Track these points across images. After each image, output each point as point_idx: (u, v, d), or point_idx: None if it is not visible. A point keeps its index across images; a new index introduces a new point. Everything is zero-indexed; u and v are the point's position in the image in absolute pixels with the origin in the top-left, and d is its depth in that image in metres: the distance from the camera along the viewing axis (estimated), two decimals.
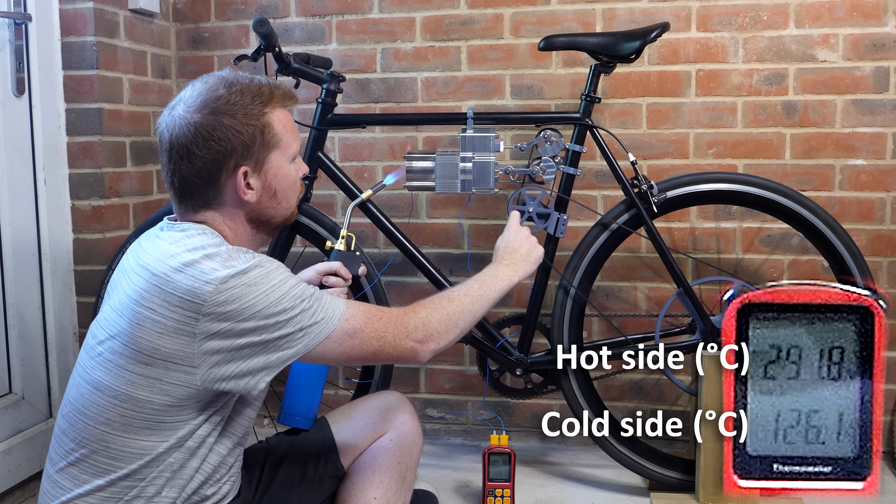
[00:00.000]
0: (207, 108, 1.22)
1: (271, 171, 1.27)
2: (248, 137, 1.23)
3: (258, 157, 1.24)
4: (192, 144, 1.21)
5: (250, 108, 1.23)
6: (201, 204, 1.26)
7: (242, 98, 1.23)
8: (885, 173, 2.14)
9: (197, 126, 1.21)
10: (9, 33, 1.99)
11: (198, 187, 1.24)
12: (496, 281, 1.46)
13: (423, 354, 1.30)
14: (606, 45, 1.85)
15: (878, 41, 2.11)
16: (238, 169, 1.23)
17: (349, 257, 1.62)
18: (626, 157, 1.89)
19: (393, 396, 1.56)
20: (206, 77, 1.27)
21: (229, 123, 1.21)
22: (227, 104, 1.22)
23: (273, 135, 1.25)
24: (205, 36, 2.43)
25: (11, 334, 2.00)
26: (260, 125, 1.24)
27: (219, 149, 1.21)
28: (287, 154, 1.29)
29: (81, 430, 1.21)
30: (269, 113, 1.25)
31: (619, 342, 1.99)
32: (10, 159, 1.98)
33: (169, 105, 1.26)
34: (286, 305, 1.18)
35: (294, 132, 1.31)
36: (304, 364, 1.52)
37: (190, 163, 1.22)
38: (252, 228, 1.30)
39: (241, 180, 1.24)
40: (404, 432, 1.49)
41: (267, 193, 1.27)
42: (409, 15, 2.31)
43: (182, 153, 1.22)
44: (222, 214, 1.27)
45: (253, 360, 1.18)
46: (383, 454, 1.46)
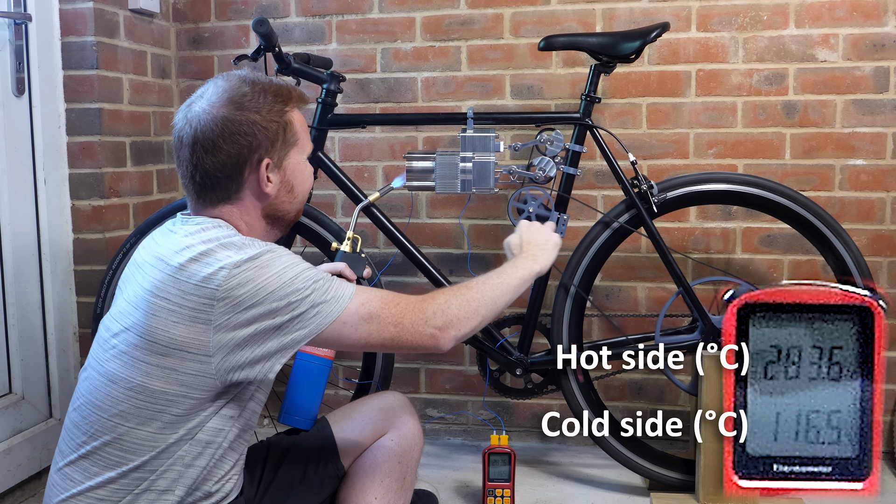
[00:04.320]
0: (234, 103, 1.24)
1: (290, 167, 1.30)
2: (273, 133, 1.26)
3: (280, 153, 1.28)
4: (218, 138, 1.23)
5: (273, 106, 1.27)
6: (221, 198, 1.27)
7: (266, 96, 1.26)
8: (885, 173, 2.14)
9: (224, 120, 1.23)
10: (9, 33, 1.99)
11: (220, 181, 1.26)
12: (515, 270, 1.44)
13: (443, 341, 1.28)
14: (606, 45, 1.85)
15: (878, 41, 2.11)
16: (262, 162, 1.26)
17: (354, 259, 1.63)
18: (626, 157, 1.89)
19: (393, 397, 1.56)
20: (227, 75, 1.30)
21: (255, 119, 1.25)
22: (253, 101, 1.25)
23: (293, 133, 1.30)
24: (205, 36, 2.43)
25: (11, 334, 2.00)
26: (283, 122, 1.28)
27: (244, 143, 1.24)
28: (304, 152, 1.33)
29: (95, 423, 1.22)
30: (290, 112, 1.29)
31: (619, 342, 1.99)
32: (10, 159, 1.98)
33: (186, 102, 1.28)
34: (298, 286, 1.20)
35: (308, 133, 1.35)
36: (306, 364, 1.53)
37: (215, 156, 1.24)
38: (267, 224, 1.32)
39: (264, 173, 1.26)
40: (405, 433, 1.49)
41: (285, 188, 1.30)
42: (409, 15, 2.31)
43: (207, 146, 1.24)
44: (240, 209, 1.28)
45: (268, 343, 1.19)
46: (384, 454, 1.46)
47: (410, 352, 1.69)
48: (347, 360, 2.40)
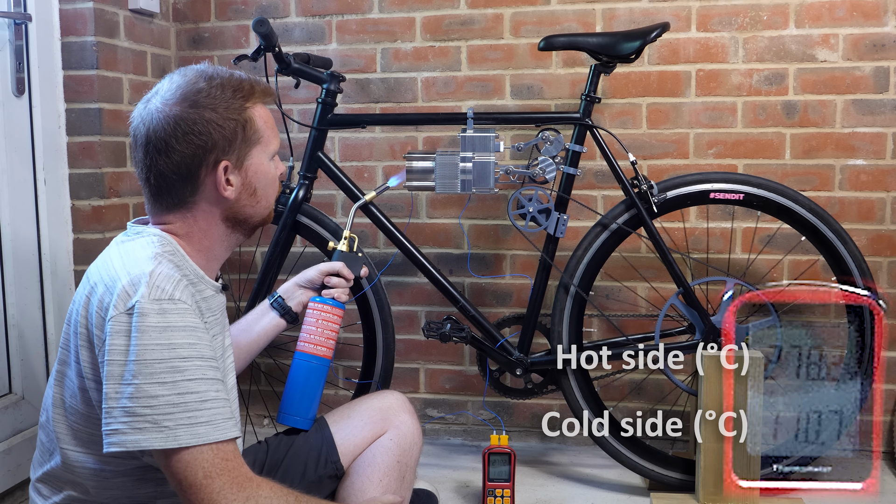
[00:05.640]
0: (188, 100, 1.17)
1: (251, 168, 1.22)
2: (230, 132, 1.19)
3: (239, 153, 1.20)
4: (170, 138, 1.16)
5: (231, 103, 1.19)
6: (176, 202, 1.21)
7: (223, 92, 1.19)
8: (885, 173, 2.14)
9: (177, 119, 1.16)
10: (9, 33, 1.99)
11: (175, 184, 1.19)
12: None
13: None
14: (606, 45, 1.85)
15: (878, 41, 2.11)
16: (218, 164, 1.19)
17: (351, 258, 1.63)
18: (626, 157, 1.89)
19: (392, 396, 1.55)
20: (184, 70, 1.22)
21: (210, 117, 1.17)
22: (208, 97, 1.18)
23: (254, 130, 1.22)
24: (205, 36, 2.43)
25: (11, 334, 2.00)
26: (241, 120, 1.20)
27: (199, 143, 1.17)
28: (268, 151, 1.25)
29: (46, 442, 1.22)
30: (251, 108, 1.21)
31: (619, 342, 1.99)
32: (10, 159, 1.98)
33: (144, 98, 1.21)
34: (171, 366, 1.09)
35: (274, 129, 1.27)
36: (304, 363, 1.52)
37: (168, 157, 1.17)
38: (227, 228, 1.25)
39: (222, 176, 1.19)
40: (404, 432, 1.48)
41: (247, 191, 1.23)
42: (409, 15, 2.31)
43: (160, 147, 1.17)
44: (196, 214, 1.22)
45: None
46: (383, 454, 1.46)
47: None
48: (347, 360, 2.40)
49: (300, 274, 1.61)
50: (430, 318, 2.35)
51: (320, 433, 1.49)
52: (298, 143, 2.05)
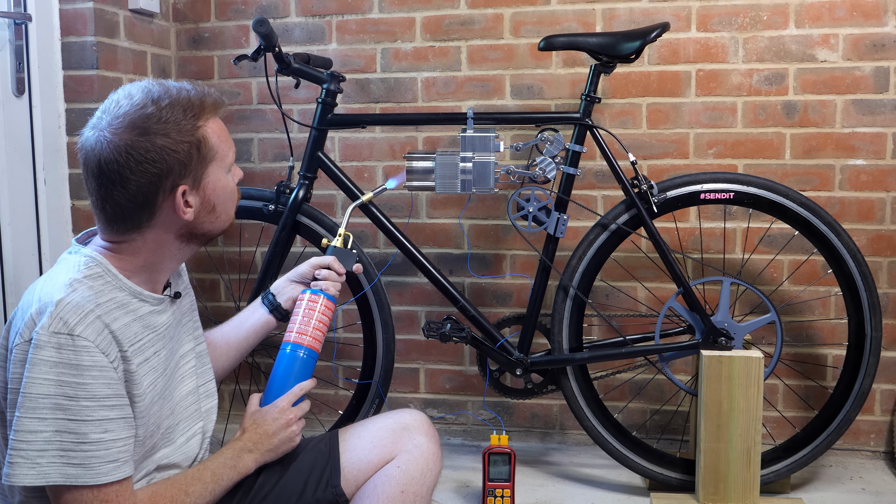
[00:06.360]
0: (137, 128, 1.12)
1: (209, 186, 1.19)
2: (185, 155, 1.14)
3: (196, 174, 1.17)
4: (124, 169, 1.11)
5: (183, 124, 1.14)
6: (130, 227, 1.17)
7: (174, 113, 1.14)
8: (885, 173, 2.14)
9: (128, 148, 1.11)
10: (9, 33, 1.99)
11: (131, 212, 1.15)
12: (233, 473, 1.28)
13: None
14: (606, 45, 1.85)
15: (878, 41, 2.11)
16: (176, 189, 1.15)
17: (344, 254, 1.61)
18: (626, 157, 1.89)
19: (410, 416, 1.42)
20: (129, 89, 1.17)
21: (163, 143, 1.12)
22: (159, 122, 1.13)
23: (209, 148, 1.18)
24: (205, 36, 2.43)
25: None
26: (195, 141, 1.15)
27: (154, 171, 1.12)
28: (224, 165, 1.22)
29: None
30: (203, 126, 1.17)
31: (619, 342, 1.99)
32: (10, 159, 1.98)
33: (90, 123, 1.16)
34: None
35: (228, 140, 1.23)
36: (285, 353, 1.42)
37: (123, 188, 1.12)
38: (181, 243, 1.22)
39: (180, 200, 1.16)
40: (416, 457, 1.35)
41: (206, 209, 1.20)
42: (409, 15, 2.31)
43: (114, 179, 1.12)
44: (147, 236, 1.18)
45: None
46: (385, 483, 1.34)
47: None
48: (347, 359, 2.40)
49: (293, 269, 1.57)
50: (430, 318, 2.35)
51: (328, 450, 1.38)
52: (298, 143, 2.05)
